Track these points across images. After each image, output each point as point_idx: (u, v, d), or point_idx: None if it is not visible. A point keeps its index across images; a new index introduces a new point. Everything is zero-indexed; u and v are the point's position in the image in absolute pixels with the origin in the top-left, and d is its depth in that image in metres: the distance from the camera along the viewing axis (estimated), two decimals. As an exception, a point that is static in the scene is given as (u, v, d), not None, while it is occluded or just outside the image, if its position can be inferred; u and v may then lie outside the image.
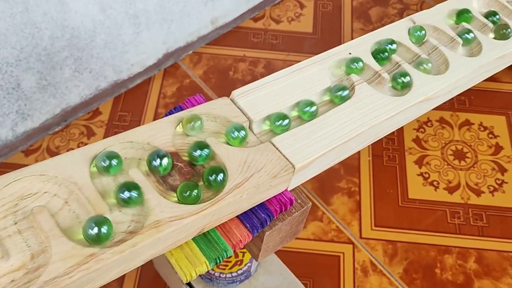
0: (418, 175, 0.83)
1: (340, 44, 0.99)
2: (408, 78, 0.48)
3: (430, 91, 0.47)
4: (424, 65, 0.50)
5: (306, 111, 0.44)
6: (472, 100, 0.92)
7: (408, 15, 1.04)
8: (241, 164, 0.37)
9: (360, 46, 0.50)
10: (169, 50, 0.91)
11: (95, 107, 0.88)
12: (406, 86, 0.48)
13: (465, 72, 0.51)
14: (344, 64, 0.49)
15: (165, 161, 0.37)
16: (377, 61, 0.50)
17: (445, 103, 0.56)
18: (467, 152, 0.86)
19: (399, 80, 0.48)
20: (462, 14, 0.56)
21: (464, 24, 0.57)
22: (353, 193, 0.81)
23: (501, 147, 0.86)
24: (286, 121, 0.43)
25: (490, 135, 0.88)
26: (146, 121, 0.88)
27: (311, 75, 0.46)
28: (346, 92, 0.46)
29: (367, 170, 0.84)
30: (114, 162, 0.36)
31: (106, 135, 0.86)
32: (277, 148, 0.40)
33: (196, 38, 0.94)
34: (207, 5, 0.90)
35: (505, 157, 0.85)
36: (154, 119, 0.88)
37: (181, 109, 0.44)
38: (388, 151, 0.86)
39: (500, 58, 0.53)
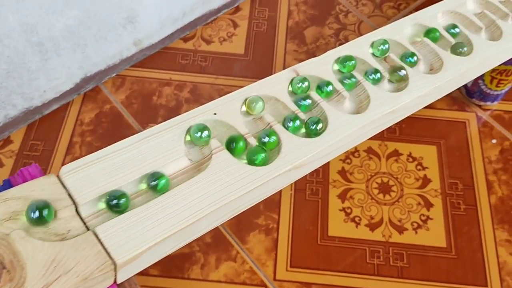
0: (340, 210, 0.78)
1: (272, 67, 0.93)
2: (274, 138, 0.43)
3: (298, 159, 0.42)
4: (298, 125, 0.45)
5: (154, 186, 0.39)
6: (403, 128, 0.86)
7: (345, 36, 0.98)
8: (47, 264, 0.32)
9: (229, 104, 0.44)
10: (87, 74, 0.85)
11: (6, 136, 0.82)
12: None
13: (345, 133, 0.45)
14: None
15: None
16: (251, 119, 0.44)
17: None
18: (392, 185, 0.81)
19: (264, 141, 0.43)
20: (346, 62, 0.51)
21: (354, 73, 0.51)
22: (271, 231, 0.76)
23: (429, 179, 0.81)
24: (123, 200, 0.37)
25: (419, 167, 0.83)
26: (59, 151, 0.82)
27: (163, 142, 0.41)
28: (201, 161, 0.40)
29: (288, 205, 0.79)
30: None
31: (15, 166, 0.80)
32: (99, 240, 0.34)
33: (119, 61, 0.88)
34: (126, 28, 0.84)
35: (432, 191, 0.80)
36: (68, 148, 0.82)
37: (10, 185, 0.38)
38: (312, 184, 0.81)
39: (389, 113, 0.48)
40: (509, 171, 0.82)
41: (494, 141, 0.85)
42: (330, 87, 0.48)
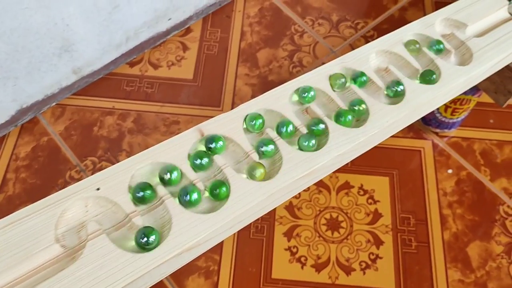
0: (286, 249, 0.73)
1: (221, 93, 0.88)
2: (166, 215, 0.38)
3: (191, 240, 0.37)
4: (194, 198, 0.39)
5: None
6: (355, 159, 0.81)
7: (299, 58, 0.93)
8: None
9: (114, 178, 0.39)
10: (23, 106, 0.79)
11: None
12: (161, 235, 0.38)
13: (249, 205, 0.40)
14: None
15: None
16: (141, 200, 0.39)
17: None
18: (342, 221, 0.76)
19: (149, 226, 0.38)
20: (254, 120, 0.45)
21: (267, 130, 0.46)
22: (211, 273, 0.71)
23: (380, 214, 0.77)
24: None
25: (370, 200, 0.78)
26: (-9, 188, 0.76)
27: (32, 227, 0.35)
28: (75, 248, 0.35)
29: (230, 244, 0.74)
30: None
31: None
32: None
33: (58, 90, 0.82)
34: (62, 57, 0.78)
35: (383, 227, 0.75)
36: (1, 186, 0.77)
37: None
38: (257, 221, 0.76)
39: (303, 177, 0.43)
40: (465, 204, 0.77)
41: (450, 171, 0.80)
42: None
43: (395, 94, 0.51)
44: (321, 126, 0.46)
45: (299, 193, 0.78)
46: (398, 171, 0.80)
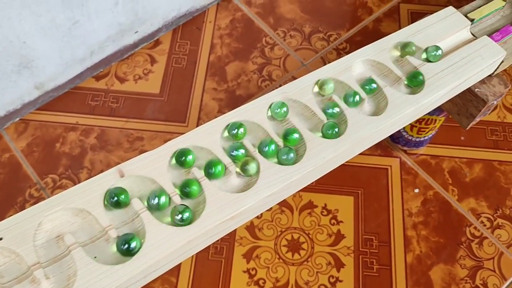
0: (245, 271, 0.71)
1: (188, 108, 0.85)
2: (72, 267, 0.35)
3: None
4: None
5: None
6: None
7: (269, 71, 0.90)
8: None
9: (20, 226, 0.37)
10: (-16, 122, 0.78)
11: None
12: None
13: (166, 252, 0.38)
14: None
15: None
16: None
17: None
18: (303, 243, 0.73)
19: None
20: (183, 157, 0.43)
21: (194, 169, 0.43)
22: (167, 296, 0.69)
23: (343, 235, 0.74)
24: None
25: (333, 221, 0.75)
26: (-51, 207, 0.75)
27: None
28: None
29: (188, 266, 0.71)
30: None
31: None
32: None
33: (20, 105, 0.80)
34: (22, 73, 0.76)
35: (345, 248, 0.73)
36: (-41, 204, 0.75)
37: None
38: (217, 242, 0.73)
39: (228, 220, 0.40)
40: (430, 225, 0.75)
41: (416, 190, 0.77)
42: (163, 198, 0.40)
43: (332, 135, 0.48)
44: (252, 166, 0.43)
45: (261, 214, 0.75)
46: (363, 190, 0.77)
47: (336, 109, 0.49)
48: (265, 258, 0.72)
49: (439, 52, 0.55)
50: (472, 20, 0.61)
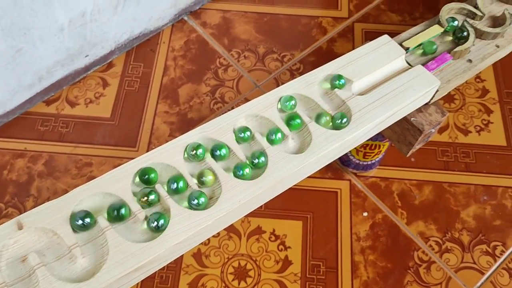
0: (190, 301, 0.69)
1: (139, 132, 0.84)
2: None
3: None
4: None
5: None
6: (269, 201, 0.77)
7: (222, 93, 0.88)
8: None
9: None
10: None
11: None
12: None
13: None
14: None
15: None
16: None
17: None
18: (250, 270, 0.72)
19: None
20: (83, 219, 0.41)
21: (98, 219, 0.41)
22: (110, 328, 0.67)
23: (290, 262, 0.72)
24: None
25: (281, 247, 0.73)
26: None
27: None
28: None
29: (132, 296, 0.69)
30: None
31: None
32: None
33: (-33, 133, 0.78)
34: (-36, 102, 0.74)
35: (292, 275, 0.71)
36: None
37: None
38: (162, 270, 0.72)
39: (132, 272, 0.39)
40: (378, 250, 0.73)
41: (365, 214, 0.76)
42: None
43: (256, 166, 0.46)
44: (161, 222, 0.41)
45: (208, 239, 0.74)
46: (313, 214, 0.76)
47: (255, 147, 0.47)
48: (211, 286, 0.70)
49: (342, 81, 0.53)
50: (407, 49, 0.60)
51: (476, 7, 0.66)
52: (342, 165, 0.79)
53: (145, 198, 0.42)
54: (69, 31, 0.78)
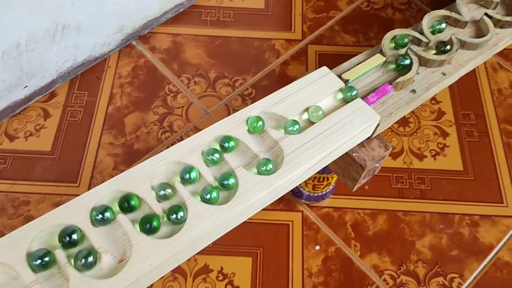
0: None
1: (81, 166, 0.78)
2: None
3: None
4: None
5: None
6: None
7: (170, 121, 0.84)
8: None
9: None
10: None
11: None
12: None
13: None
14: None
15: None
16: None
17: None
18: (195, 313, 0.67)
19: None
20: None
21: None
22: None
23: (238, 302, 0.68)
24: None
25: (229, 286, 0.69)
26: None
27: None
28: None
29: None
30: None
31: None
32: None
33: None
34: None
35: (240, 317, 0.67)
36: None
37: None
38: (102, 317, 0.66)
39: None
40: (331, 286, 0.69)
41: (317, 247, 0.72)
42: None
43: (174, 223, 0.42)
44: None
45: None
46: (263, 249, 0.71)
47: (175, 200, 0.43)
48: (154, 332, 0.65)
49: (297, 127, 0.49)
50: (346, 81, 0.56)
51: (421, 33, 0.62)
52: (294, 196, 0.75)
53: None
54: (3, 63, 0.73)
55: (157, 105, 0.84)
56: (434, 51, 0.62)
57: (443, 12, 0.64)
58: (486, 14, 0.65)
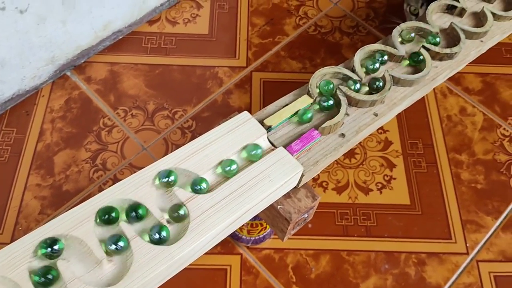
0: None
1: (5, 211, 0.72)
2: None
3: None
4: None
5: None
6: (149, 286, 0.67)
7: (103, 159, 0.77)
8: None
9: None
10: None
11: None
12: None
13: None
14: None
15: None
16: None
17: None
18: None
19: None
20: None
21: None
22: None
23: None
24: None
25: None
26: None
27: None
28: None
29: None
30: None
31: None
32: None
33: None
34: None
35: None
36: None
37: None
38: None
39: None
40: (269, 336, 0.64)
41: (256, 294, 0.67)
42: None
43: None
44: None
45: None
46: (198, 298, 0.66)
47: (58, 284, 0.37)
48: None
49: (204, 185, 0.44)
50: (269, 128, 0.51)
51: (353, 70, 0.58)
52: (232, 238, 0.70)
53: None
54: None
55: (90, 141, 0.78)
56: (367, 88, 0.57)
57: (377, 46, 0.60)
58: (423, 46, 0.61)
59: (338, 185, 0.75)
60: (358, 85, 0.55)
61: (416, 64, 0.60)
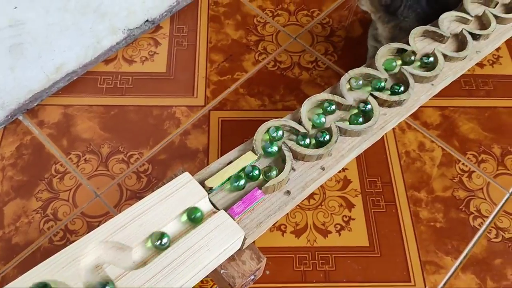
0: None
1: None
2: None
3: None
4: None
5: None
6: None
7: (55, 208, 0.74)
8: None
9: None
10: None
11: None
12: None
13: None
14: None
15: None
16: None
17: None
18: None
19: None
20: None
21: None
22: None
23: None
24: None
25: None
26: None
27: None
28: None
29: None
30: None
31: None
32: None
33: None
34: None
35: None
36: None
37: None
38: None
39: None
40: None
41: None
42: None
43: None
44: None
45: None
46: None
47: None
48: None
49: (166, 241, 0.42)
50: (210, 189, 0.49)
51: (300, 122, 0.56)
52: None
53: None
54: None
55: (41, 189, 0.75)
56: (314, 141, 0.56)
57: (324, 96, 0.58)
58: (371, 94, 0.60)
59: (297, 228, 0.74)
60: (307, 140, 0.54)
61: (364, 113, 0.58)
